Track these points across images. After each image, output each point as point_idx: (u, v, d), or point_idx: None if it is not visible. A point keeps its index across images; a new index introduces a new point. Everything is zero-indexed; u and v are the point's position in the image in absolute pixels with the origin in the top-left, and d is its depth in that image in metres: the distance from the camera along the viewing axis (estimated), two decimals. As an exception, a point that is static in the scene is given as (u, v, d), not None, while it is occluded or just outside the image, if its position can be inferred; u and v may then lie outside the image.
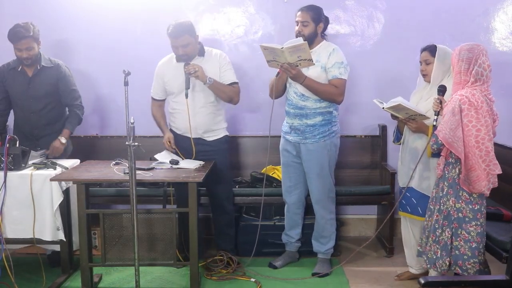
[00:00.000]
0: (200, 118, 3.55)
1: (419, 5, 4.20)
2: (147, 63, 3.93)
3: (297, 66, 3.24)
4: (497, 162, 2.76)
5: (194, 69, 3.39)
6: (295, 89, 3.47)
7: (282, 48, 3.12)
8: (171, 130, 3.70)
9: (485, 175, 2.73)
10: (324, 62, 3.40)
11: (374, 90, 4.17)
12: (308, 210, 3.76)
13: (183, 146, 3.61)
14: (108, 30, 4.28)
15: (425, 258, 2.99)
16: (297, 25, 3.44)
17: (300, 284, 3.45)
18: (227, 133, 3.76)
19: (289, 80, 3.47)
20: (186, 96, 3.45)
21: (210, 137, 3.64)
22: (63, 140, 3.64)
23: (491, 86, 2.89)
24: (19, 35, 3.51)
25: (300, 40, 3.16)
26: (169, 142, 3.61)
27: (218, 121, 3.66)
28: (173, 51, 3.51)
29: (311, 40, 3.38)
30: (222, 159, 3.67)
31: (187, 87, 3.44)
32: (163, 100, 3.74)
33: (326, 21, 3.51)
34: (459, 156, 2.76)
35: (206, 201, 3.85)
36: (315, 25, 3.42)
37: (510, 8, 4.19)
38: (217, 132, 3.66)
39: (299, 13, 3.44)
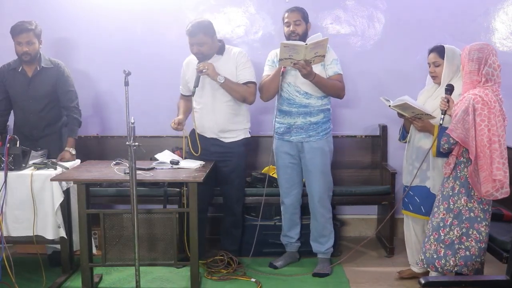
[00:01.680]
0: (217, 117, 3.55)
1: (419, 5, 4.20)
2: (147, 63, 3.94)
3: (310, 63, 3.26)
4: (501, 166, 2.70)
5: (204, 67, 3.39)
6: (297, 88, 3.47)
7: (306, 44, 3.15)
8: (193, 130, 3.68)
9: (491, 179, 2.71)
10: None
11: (374, 90, 4.16)
12: (304, 210, 3.76)
13: (201, 145, 3.61)
14: (108, 30, 4.28)
15: (422, 257, 2.98)
16: (288, 26, 3.49)
17: (300, 284, 3.45)
18: (248, 135, 3.71)
19: (288, 79, 3.47)
20: (193, 94, 3.47)
21: (227, 138, 3.61)
22: (73, 151, 3.64)
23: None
24: (21, 27, 3.54)
25: (321, 36, 3.21)
26: (174, 122, 3.55)
27: (237, 121, 3.62)
28: (190, 49, 3.52)
29: (304, 39, 3.40)
30: (237, 162, 3.65)
31: (196, 85, 3.45)
32: (190, 96, 3.68)
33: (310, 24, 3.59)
34: (471, 156, 2.75)
35: (216, 201, 3.85)
36: (305, 24, 3.50)
37: (511, 8, 4.19)
38: (235, 133, 3.63)
39: (289, 14, 3.50)
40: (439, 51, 3.14)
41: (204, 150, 3.61)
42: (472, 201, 2.83)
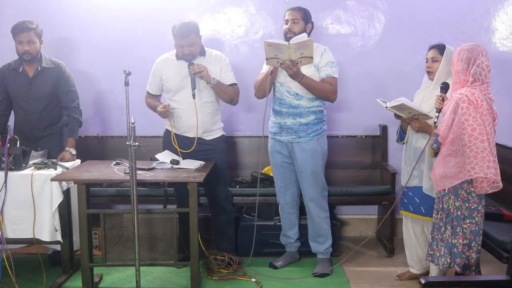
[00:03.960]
0: (200, 118, 3.56)
1: (419, 5, 4.20)
2: (148, 63, 3.92)
3: (297, 63, 3.25)
4: (491, 164, 2.71)
5: (199, 69, 3.40)
6: (288, 88, 3.47)
7: (289, 44, 3.14)
8: (166, 130, 3.70)
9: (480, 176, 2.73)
10: (317, 61, 3.42)
11: (374, 90, 4.16)
12: (303, 210, 3.75)
13: (181, 146, 3.60)
14: (109, 30, 4.28)
15: (429, 255, 3.01)
16: (286, 24, 3.48)
17: (300, 284, 3.45)
18: (224, 133, 3.78)
19: (281, 79, 3.47)
20: (194, 96, 3.45)
21: (209, 136, 3.65)
22: (73, 151, 3.64)
23: (492, 86, 2.90)
24: (22, 26, 3.54)
25: (305, 37, 3.19)
26: (161, 106, 3.51)
27: (216, 121, 3.68)
28: (178, 50, 3.52)
29: None
30: (221, 158, 3.68)
31: (194, 87, 3.45)
32: (159, 96, 3.76)
33: (312, 25, 3.57)
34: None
35: (204, 201, 3.85)
36: (305, 24, 3.48)
37: (511, 8, 4.19)
38: (215, 131, 3.69)
39: (289, 12, 3.50)
40: (440, 48, 3.16)
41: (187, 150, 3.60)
42: (459, 199, 2.85)
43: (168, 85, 3.60)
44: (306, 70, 3.37)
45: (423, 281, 2.50)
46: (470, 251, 2.84)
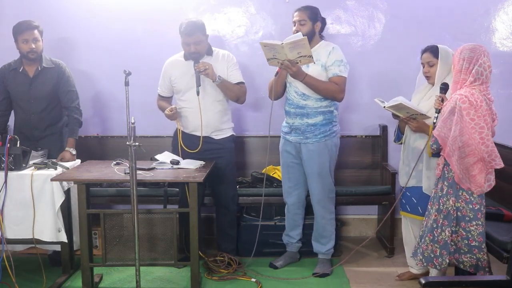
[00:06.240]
0: (209, 116, 3.57)
1: (419, 5, 4.20)
2: (148, 63, 3.94)
3: (297, 63, 3.24)
4: (499, 156, 2.76)
5: (204, 67, 3.41)
6: (295, 88, 3.47)
7: (282, 44, 3.13)
8: (177, 129, 3.70)
9: (486, 169, 2.73)
10: (324, 60, 3.41)
11: (375, 90, 4.16)
12: (308, 210, 3.76)
13: (190, 144, 3.61)
14: (109, 30, 4.28)
15: (421, 257, 2.98)
16: (295, 25, 3.47)
17: (300, 284, 3.45)
18: (234, 133, 3.77)
19: (289, 79, 3.47)
20: (198, 93, 3.47)
21: (218, 135, 3.66)
22: (73, 151, 3.64)
23: (492, 86, 2.89)
24: (26, 24, 3.54)
25: (300, 36, 3.17)
26: (169, 109, 3.53)
27: (225, 120, 3.68)
28: (184, 48, 3.53)
29: (309, 39, 3.34)
30: (229, 158, 3.69)
31: (199, 85, 3.46)
32: (170, 97, 3.77)
33: (323, 22, 3.54)
34: (445, 156, 2.79)
35: (208, 201, 3.85)
36: (312, 24, 3.44)
37: (511, 8, 4.19)
38: (225, 131, 3.69)
39: (296, 13, 3.47)
40: (433, 50, 3.13)
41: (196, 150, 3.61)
42: (460, 201, 2.84)
43: (177, 85, 3.61)
44: (313, 69, 3.37)
45: (423, 281, 2.50)
46: (482, 253, 2.83)
